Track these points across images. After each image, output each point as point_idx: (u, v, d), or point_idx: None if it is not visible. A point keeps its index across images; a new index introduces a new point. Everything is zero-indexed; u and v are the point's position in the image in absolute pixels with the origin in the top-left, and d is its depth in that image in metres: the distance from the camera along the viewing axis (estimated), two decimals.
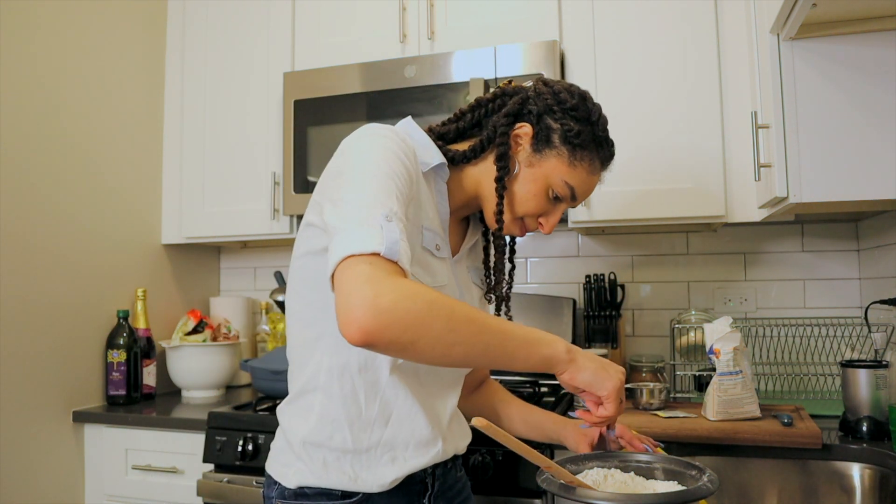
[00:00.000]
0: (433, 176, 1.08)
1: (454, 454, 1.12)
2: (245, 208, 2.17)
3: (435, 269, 1.02)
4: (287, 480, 1.02)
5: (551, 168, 1.06)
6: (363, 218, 0.84)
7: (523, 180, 1.07)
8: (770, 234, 2.08)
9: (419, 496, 1.08)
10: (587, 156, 1.07)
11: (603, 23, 1.88)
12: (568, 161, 1.06)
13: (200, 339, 2.16)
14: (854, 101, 1.41)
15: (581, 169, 1.07)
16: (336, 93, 2.00)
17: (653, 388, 1.71)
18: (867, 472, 1.39)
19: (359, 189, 0.88)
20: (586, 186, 1.10)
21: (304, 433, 1.02)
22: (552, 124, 1.06)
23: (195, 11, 2.29)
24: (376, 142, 0.94)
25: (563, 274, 2.25)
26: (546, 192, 1.07)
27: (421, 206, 1.00)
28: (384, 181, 0.89)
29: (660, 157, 1.82)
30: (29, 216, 1.85)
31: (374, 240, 0.82)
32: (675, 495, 0.88)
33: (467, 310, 0.85)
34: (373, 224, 0.83)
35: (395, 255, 0.82)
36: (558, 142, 1.06)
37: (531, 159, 1.07)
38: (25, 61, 1.86)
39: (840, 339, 1.86)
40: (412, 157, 0.98)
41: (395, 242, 0.82)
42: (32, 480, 1.83)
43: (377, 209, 0.85)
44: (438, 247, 1.04)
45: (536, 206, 1.08)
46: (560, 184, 1.06)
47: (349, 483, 1.00)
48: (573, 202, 1.10)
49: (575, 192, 1.08)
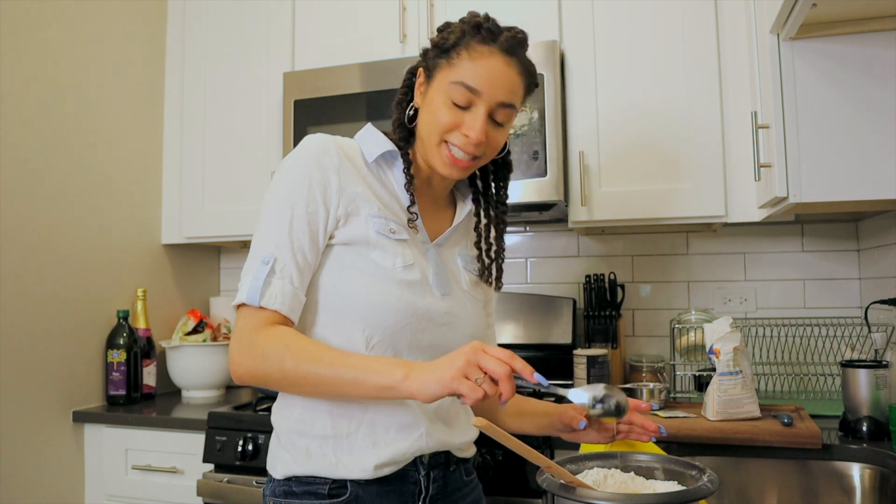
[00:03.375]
0: (386, 165, 1.12)
1: (449, 452, 1.11)
2: (245, 208, 2.17)
3: (396, 251, 1.05)
4: (276, 471, 1.06)
5: (438, 83, 1.06)
6: (248, 266, 1.02)
7: (425, 110, 1.08)
8: (770, 234, 2.08)
9: (413, 498, 1.07)
10: (462, 49, 1.04)
11: (603, 23, 1.88)
12: (447, 65, 1.05)
13: (200, 339, 2.16)
14: (854, 101, 1.41)
15: (461, 62, 1.04)
16: (336, 93, 2.00)
17: (653, 388, 1.71)
18: (867, 472, 1.39)
19: (259, 229, 1.05)
20: (479, 74, 1.03)
21: (290, 424, 1.06)
22: (430, 52, 1.09)
23: (195, 11, 2.29)
24: (287, 172, 1.06)
25: (563, 274, 2.25)
26: (447, 105, 1.05)
27: (363, 198, 1.05)
28: (277, 214, 1.03)
29: (660, 157, 1.82)
30: (29, 216, 1.85)
31: (244, 290, 1.00)
32: (675, 495, 0.88)
33: (305, 354, 0.97)
34: (250, 271, 1.01)
35: (255, 300, 0.99)
36: (435, 58, 1.08)
37: (426, 91, 1.09)
38: (25, 61, 1.86)
39: (840, 339, 1.86)
40: (333, 158, 1.05)
41: (256, 289, 0.99)
42: (32, 480, 1.83)
43: (261, 251, 1.02)
44: (393, 231, 1.06)
45: (446, 121, 1.04)
46: (450, 88, 1.04)
47: (331, 469, 1.02)
48: (479, 96, 1.03)
49: (468, 83, 1.03)
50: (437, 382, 0.88)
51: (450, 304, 1.09)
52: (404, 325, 1.04)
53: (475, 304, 1.16)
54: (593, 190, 1.86)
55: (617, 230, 2.14)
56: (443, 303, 1.08)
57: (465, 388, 0.86)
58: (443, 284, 1.10)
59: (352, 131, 1.15)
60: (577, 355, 1.84)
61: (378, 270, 1.03)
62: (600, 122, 1.87)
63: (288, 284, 1.00)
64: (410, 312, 1.04)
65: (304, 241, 1.02)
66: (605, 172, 1.86)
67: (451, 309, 1.09)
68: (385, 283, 1.03)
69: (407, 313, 1.04)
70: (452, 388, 0.87)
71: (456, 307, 1.10)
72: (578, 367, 1.82)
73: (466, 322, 1.12)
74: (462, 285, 1.15)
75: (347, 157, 1.07)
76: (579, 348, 1.91)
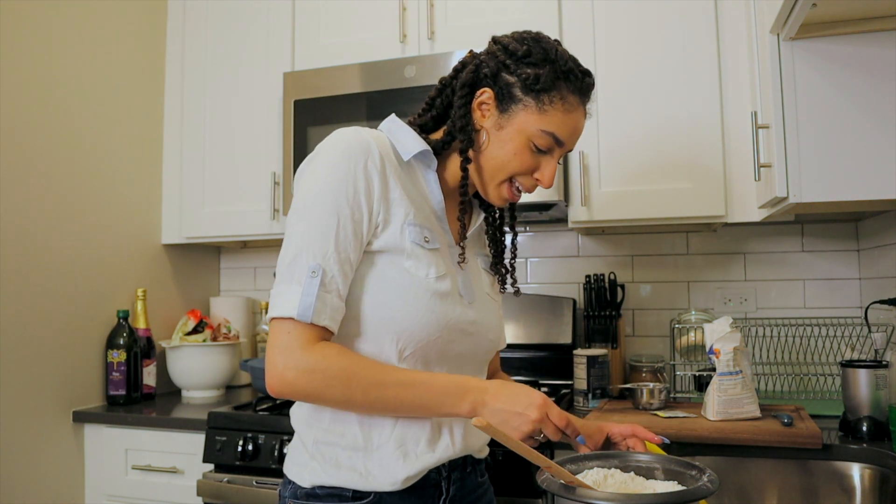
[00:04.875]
0: (419, 165, 1.08)
1: (468, 455, 1.11)
2: (245, 208, 2.17)
3: (430, 261, 1.03)
4: (303, 480, 1.03)
5: (522, 122, 1.03)
6: (290, 274, 0.95)
7: (497, 143, 1.05)
8: (770, 234, 2.08)
9: (434, 500, 1.07)
10: (556, 96, 1.03)
11: (603, 23, 1.88)
12: (537, 109, 1.02)
13: (200, 339, 2.16)
14: (854, 101, 1.41)
15: (554, 111, 1.03)
16: (336, 93, 2.00)
17: (653, 388, 1.71)
18: (867, 472, 1.39)
19: (298, 231, 0.97)
20: (569, 127, 1.05)
21: (317, 433, 1.03)
22: (509, 79, 1.03)
23: (195, 11, 2.29)
24: (324, 166, 0.99)
25: (563, 274, 2.25)
26: (528, 148, 1.04)
27: (399, 203, 1.01)
28: (323, 219, 0.96)
29: (660, 156, 1.82)
30: (29, 216, 1.85)
31: (291, 302, 0.94)
32: (675, 495, 0.88)
33: (371, 379, 0.95)
34: (296, 280, 0.94)
35: (307, 318, 0.93)
36: (521, 94, 1.03)
37: (500, 122, 1.04)
38: (25, 61, 1.86)
39: (840, 339, 1.86)
40: (376, 159, 0.99)
41: (309, 306, 0.93)
42: (32, 480, 1.83)
43: (305, 259, 0.95)
44: (427, 239, 1.03)
45: (522, 164, 1.05)
46: (537, 134, 1.03)
47: (361, 481, 1.00)
48: (562, 147, 1.05)
49: (557, 136, 1.03)
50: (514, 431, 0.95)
51: (476, 311, 1.09)
52: (437, 338, 1.03)
53: (494, 307, 1.17)
54: (593, 190, 1.86)
55: (617, 230, 2.14)
56: (470, 311, 1.08)
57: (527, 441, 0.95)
58: (470, 292, 1.09)
59: None
60: (577, 355, 1.84)
61: (412, 281, 1.01)
62: (600, 122, 1.87)
63: (336, 299, 0.96)
64: (443, 325, 1.03)
65: (350, 252, 0.98)
66: (605, 172, 1.86)
67: (476, 317, 1.09)
68: (418, 295, 1.01)
69: (439, 326, 1.02)
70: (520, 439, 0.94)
71: (481, 314, 1.11)
72: (578, 367, 1.83)
73: (489, 328, 1.13)
74: (485, 288, 1.15)
75: (387, 158, 1.02)
76: (579, 348, 1.91)
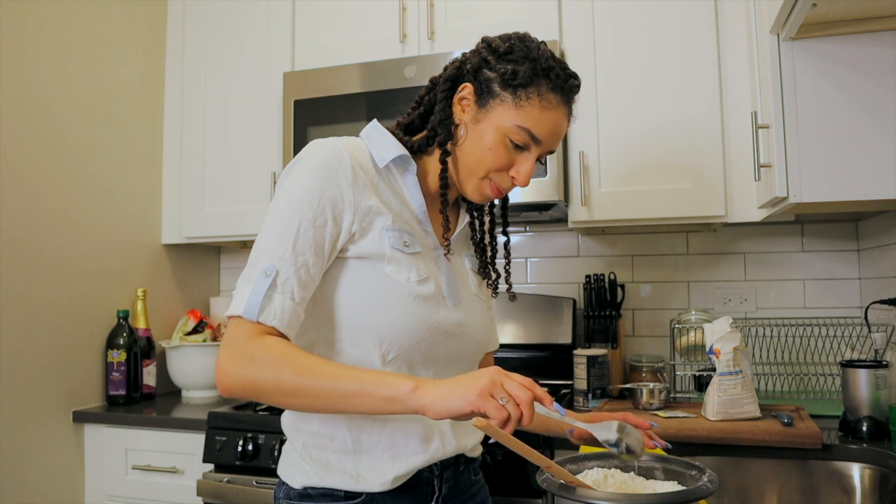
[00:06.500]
0: (398, 170, 1.08)
1: (460, 454, 1.11)
2: (245, 208, 2.17)
3: (410, 265, 1.03)
4: (294, 482, 1.05)
5: (498, 117, 1.02)
6: (248, 274, 0.96)
7: (474, 138, 1.04)
8: (770, 234, 2.08)
9: (426, 498, 1.07)
10: (533, 92, 1.02)
11: (603, 23, 1.88)
12: (513, 104, 1.02)
13: (200, 339, 2.16)
14: (854, 101, 1.41)
15: (531, 107, 1.02)
16: (336, 93, 2.00)
17: (653, 388, 1.71)
18: (867, 472, 1.40)
19: (262, 236, 0.99)
20: (546, 124, 1.03)
21: (306, 437, 1.04)
22: (489, 74, 1.03)
23: (195, 11, 2.29)
24: (297, 182, 0.99)
25: (563, 274, 2.25)
26: (503, 143, 1.03)
27: (376, 210, 1.01)
28: (285, 223, 0.97)
29: (660, 156, 1.82)
30: (28, 216, 1.85)
31: (241, 301, 0.94)
32: (675, 495, 0.88)
33: (304, 365, 0.91)
34: (251, 280, 0.95)
35: (252, 315, 0.93)
36: (499, 89, 1.02)
37: (477, 116, 1.04)
38: (25, 61, 1.86)
39: (840, 339, 1.86)
40: (347, 171, 0.99)
41: (255, 304, 0.93)
42: (32, 480, 1.83)
43: (261, 262, 0.95)
44: (407, 243, 1.03)
45: (496, 160, 1.04)
46: (513, 129, 1.02)
47: (352, 483, 1.01)
48: (539, 144, 1.04)
49: (533, 132, 1.02)
50: (462, 398, 0.85)
51: (461, 313, 1.09)
52: (420, 341, 1.03)
53: (482, 308, 1.16)
54: (593, 190, 1.86)
55: (617, 230, 2.15)
56: (455, 313, 1.08)
57: (491, 407, 0.84)
58: (455, 294, 1.09)
59: (352, 131, 1.15)
60: (577, 355, 1.84)
61: (393, 286, 1.01)
62: (600, 122, 1.87)
63: (288, 300, 0.95)
64: (426, 327, 1.03)
65: (309, 256, 0.97)
66: (605, 172, 1.86)
67: (462, 319, 1.09)
68: (400, 299, 1.01)
69: (423, 328, 1.02)
70: (477, 405, 0.85)
71: (466, 316, 1.10)
72: (578, 366, 1.83)
73: (475, 330, 1.12)
74: (471, 288, 1.15)
75: (360, 167, 1.02)
76: (579, 348, 1.91)
